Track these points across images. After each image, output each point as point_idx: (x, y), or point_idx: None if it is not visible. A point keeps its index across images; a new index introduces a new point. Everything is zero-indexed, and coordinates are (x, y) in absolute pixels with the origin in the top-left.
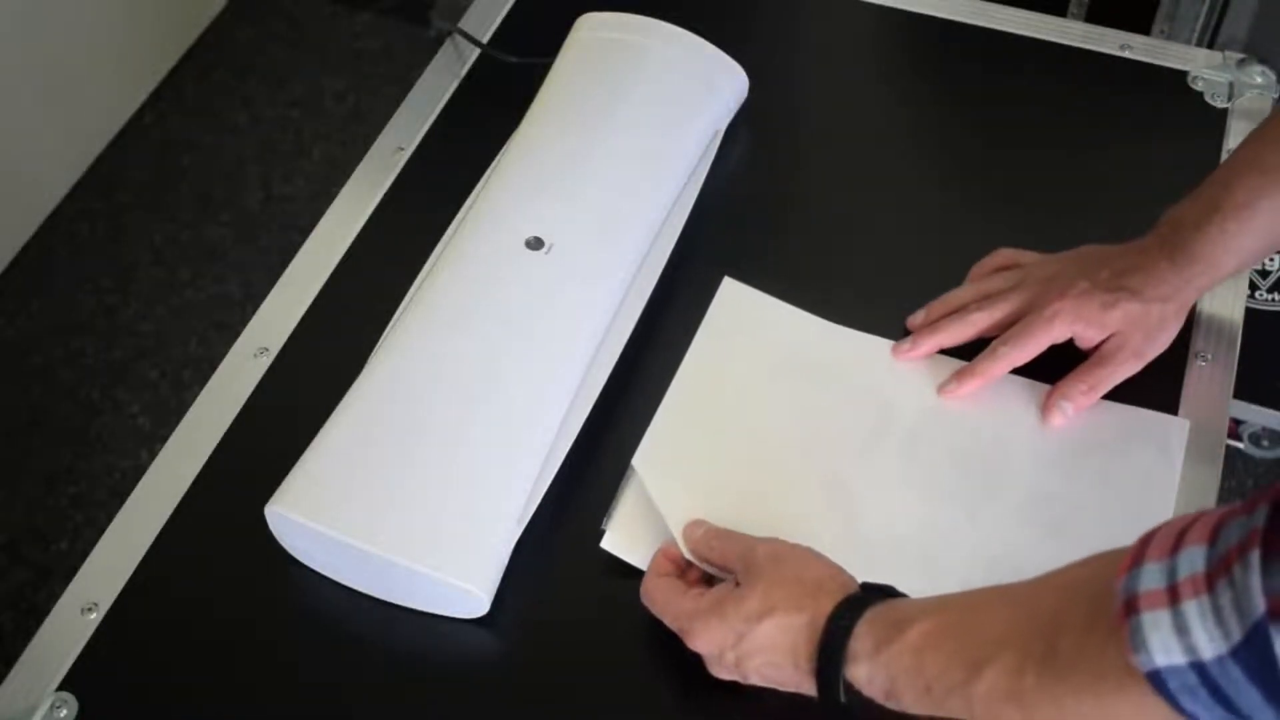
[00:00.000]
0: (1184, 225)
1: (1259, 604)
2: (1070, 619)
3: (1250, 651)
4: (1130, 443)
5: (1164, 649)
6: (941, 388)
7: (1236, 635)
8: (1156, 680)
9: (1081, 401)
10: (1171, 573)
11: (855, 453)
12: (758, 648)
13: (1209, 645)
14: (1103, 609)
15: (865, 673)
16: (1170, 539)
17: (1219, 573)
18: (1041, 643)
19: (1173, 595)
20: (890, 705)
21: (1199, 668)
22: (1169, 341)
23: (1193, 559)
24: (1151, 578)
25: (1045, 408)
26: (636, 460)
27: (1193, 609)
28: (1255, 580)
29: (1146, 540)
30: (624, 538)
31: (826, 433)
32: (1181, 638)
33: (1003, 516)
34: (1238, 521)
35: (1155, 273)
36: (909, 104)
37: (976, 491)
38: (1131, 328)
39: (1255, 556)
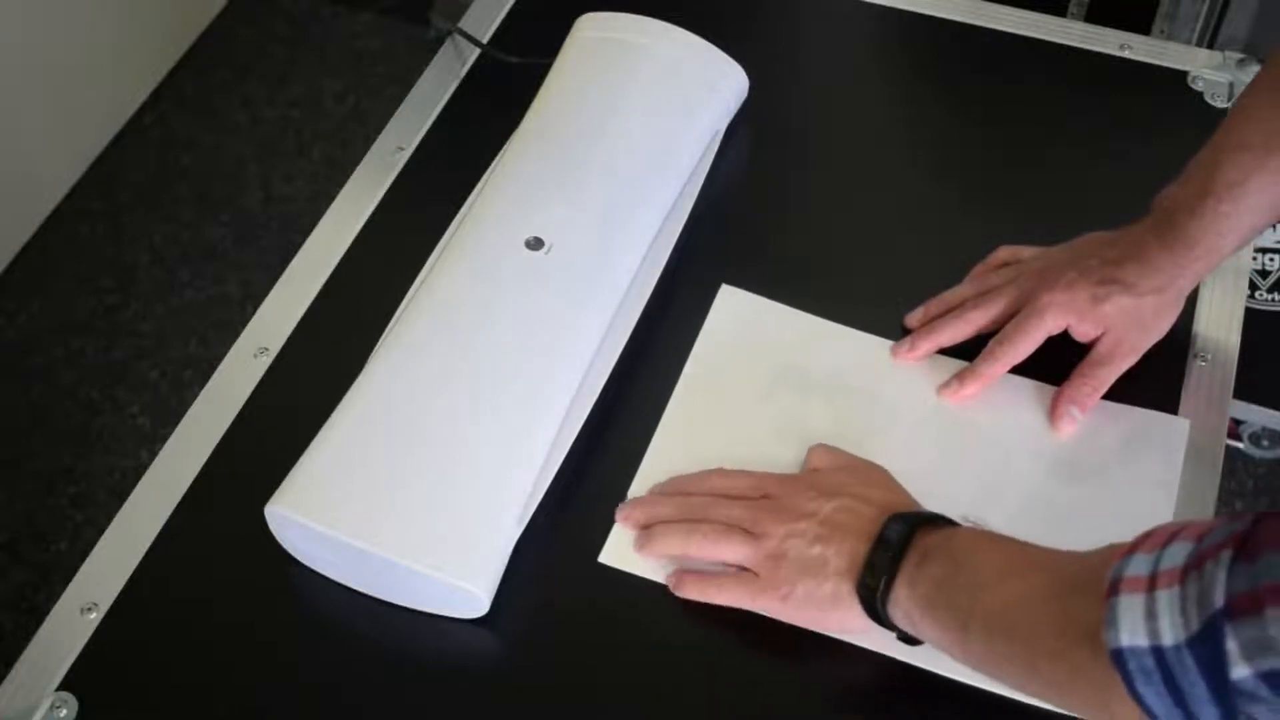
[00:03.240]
0: (1177, 210)
1: (1219, 598)
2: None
3: (1204, 643)
4: (1130, 443)
5: (1131, 630)
6: (942, 389)
7: (1195, 625)
8: (1119, 659)
9: (1087, 404)
10: (1156, 562)
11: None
12: (848, 498)
13: (1170, 632)
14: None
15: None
16: (1166, 534)
17: (1194, 566)
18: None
19: (1151, 583)
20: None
21: (1158, 652)
22: (1166, 330)
23: (1177, 553)
24: (1138, 565)
25: (1054, 415)
26: (634, 489)
27: (1164, 597)
28: (1221, 575)
29: (1147, 534)
30: (622, 551)
31: (827, 437)
32: (1149, 621)
33: (1003, 517)
34: (1227, 526)
35: (1150, 262)
36: (909, 104)
37: (977, 493)
38: (1126, 321)
39: (1227, 555)
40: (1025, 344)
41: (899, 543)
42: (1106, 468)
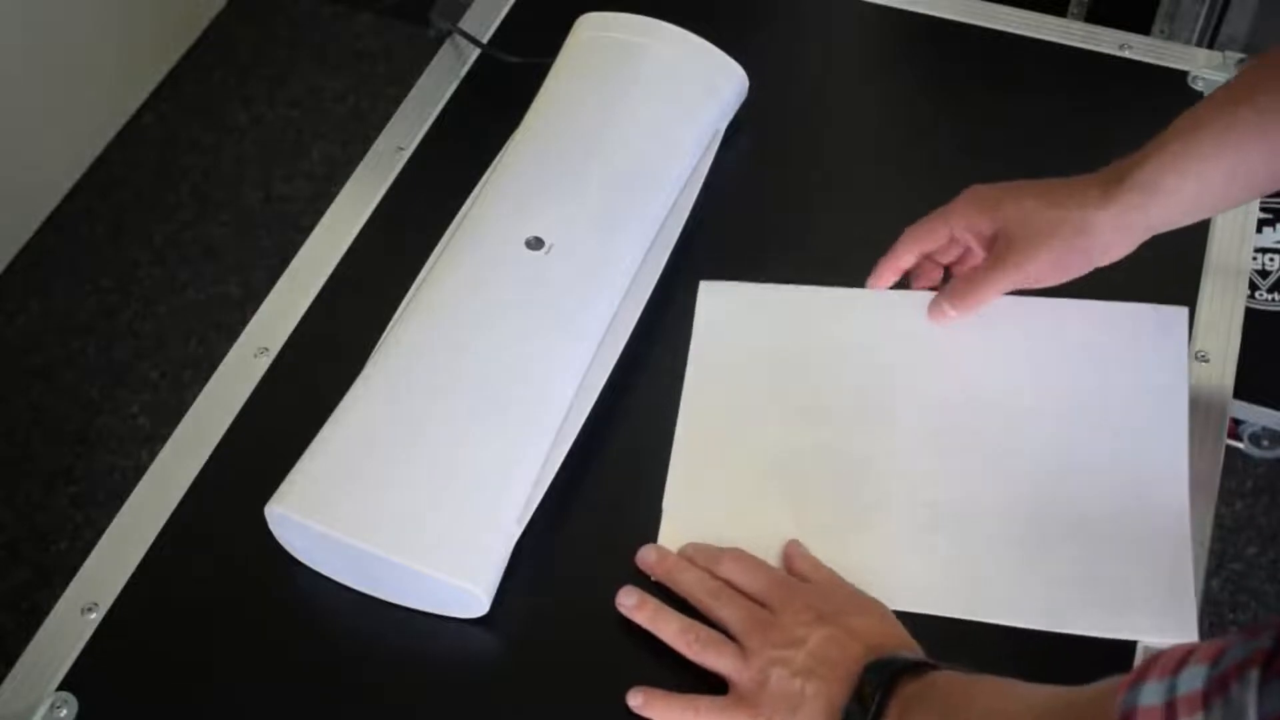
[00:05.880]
0: (1128, 157)
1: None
2: None
3: None
4: (1130, 339)
5: None
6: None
7: None
8: None
9: (962, 304)
10: (1171, 689)
11: (873, 424)
12: (839, 628)
13: None
14: None
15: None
16: (1175, 659)
17: (1216, 691)
18: None
19: (1169, 712)
20: None
21: None
22: (1081, 264)
23: (1193, 677)
24: (1151, 694)
25: (929, 311)
26: (665, 517)
27: None
28: (1251, 697)
29: (1153, 659)
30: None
31: (848, 404)
32: None
33: (1035, 442)
34: (1242, 643)
35: (1073, 186)
36: (909, 104)
37: (1003, 425)
38: (1020, 223)
39: (1254, 674)
40: (929, 224)
41: (878, 694)
42: (1115, 370)
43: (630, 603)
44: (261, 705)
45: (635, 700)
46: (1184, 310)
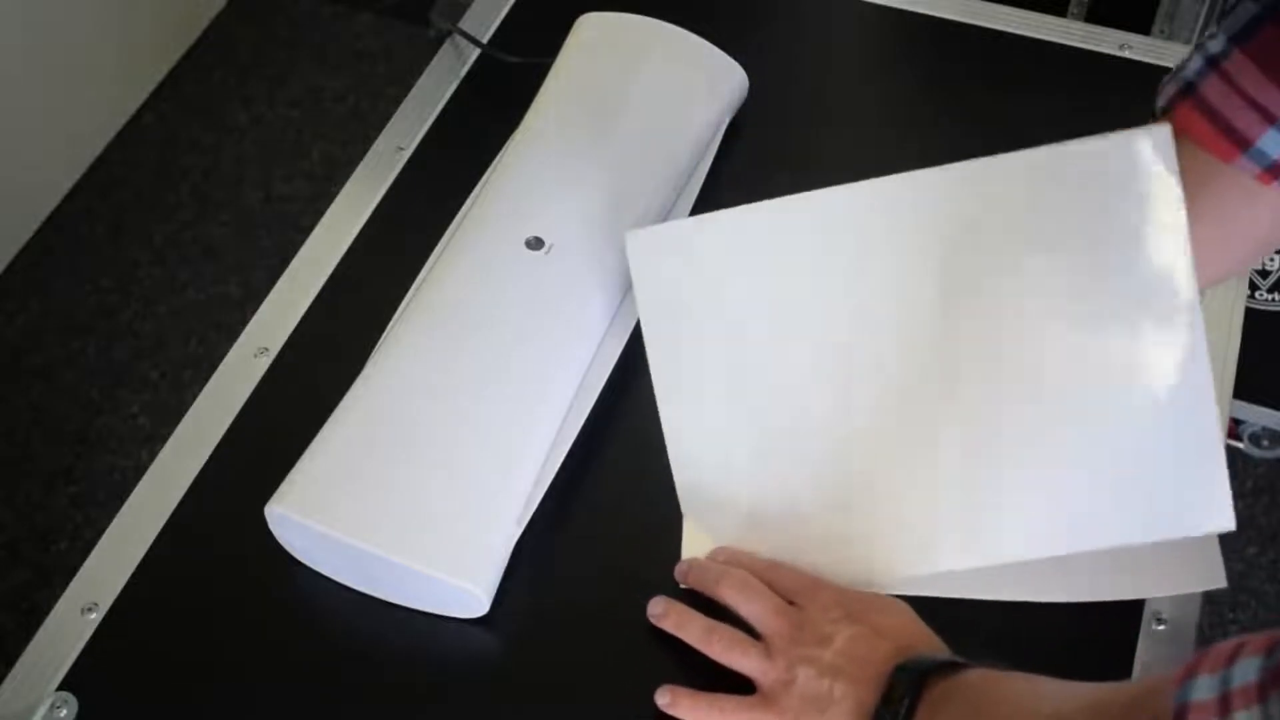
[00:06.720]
0: None
1: None
2: None
3: None
4: (1116, 180)
5: None
6: None
7: None
8: None
9: None
10: (1225, 682)
11: (857, 362)
12: (867, 626)
13: None
14: None
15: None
16: (1226, 652)
17: (1272, 683)
18: None
19: (1224, 705)
20: None
21: None
22: None
23: (1246, 670)
24: (1204, 688)
25: None
26: (685, 523)
27: (1243, 718)
28: None
29: (1204, 654)
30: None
31: (825, 357)
32: None
33: (1031, 309)
34: None
35: None
36: (908, 104)
37: (1011, 290)
38: None
39: None
40: None
41: (907, 696)
42: (1100, 210)
43: (658, 611)
44: (261, 705)
45: (663, 699)
46: (1166, 129)
